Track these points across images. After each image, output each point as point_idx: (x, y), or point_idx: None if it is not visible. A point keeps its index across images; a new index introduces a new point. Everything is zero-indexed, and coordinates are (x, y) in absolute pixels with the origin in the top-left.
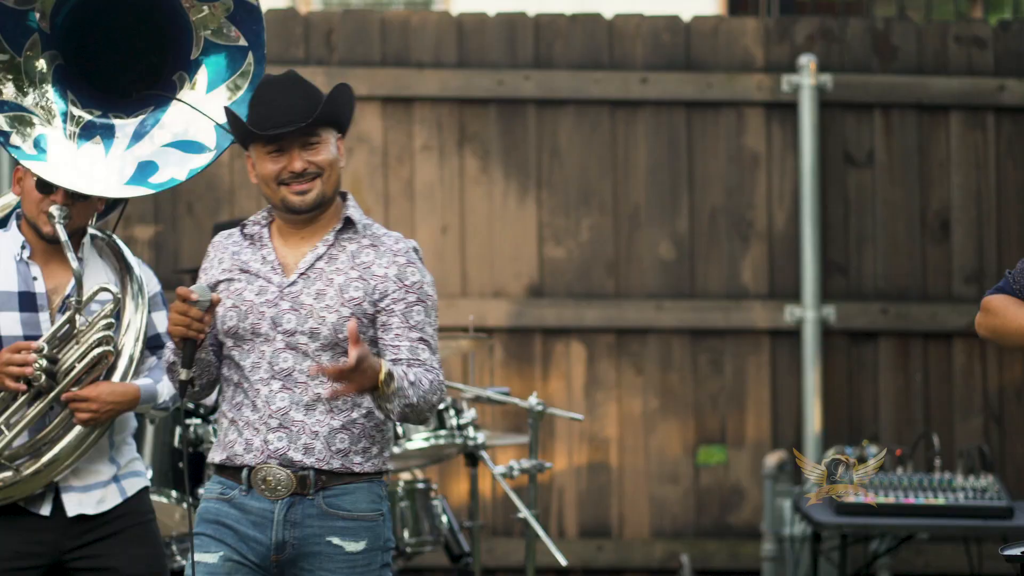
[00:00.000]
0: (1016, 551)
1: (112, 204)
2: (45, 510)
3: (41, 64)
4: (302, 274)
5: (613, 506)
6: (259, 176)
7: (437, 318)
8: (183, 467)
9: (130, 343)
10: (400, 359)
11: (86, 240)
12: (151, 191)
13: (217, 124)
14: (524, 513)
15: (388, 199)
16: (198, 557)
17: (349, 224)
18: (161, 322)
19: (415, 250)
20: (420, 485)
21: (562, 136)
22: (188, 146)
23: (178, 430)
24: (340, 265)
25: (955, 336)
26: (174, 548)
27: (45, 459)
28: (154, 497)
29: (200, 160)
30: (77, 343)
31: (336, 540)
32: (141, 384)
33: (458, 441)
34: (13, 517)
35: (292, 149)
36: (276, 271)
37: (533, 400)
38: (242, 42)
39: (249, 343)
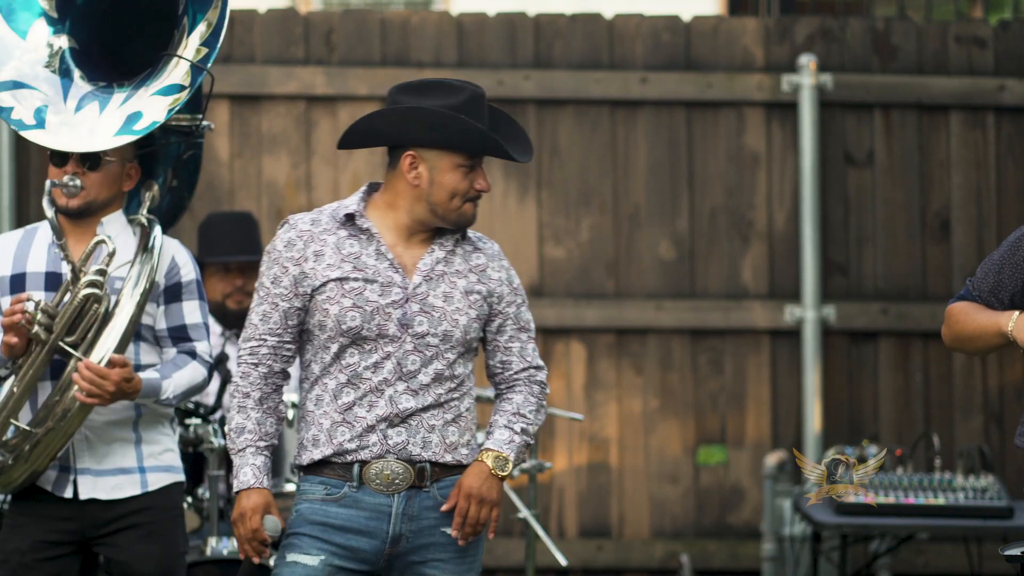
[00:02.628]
0: (1016, 551)
1: (180, 199)
2: (68, 492)
3: (53, 45)
4: (426, 276)
5: (613, 506)
6: (439, 184)
7: None
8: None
9: (128, 300)
10: (510, 362)
11: (112, 217)
12: (137, 136)
13: (190, 63)
14: (524, 513)
15: None
16: (296, 557)
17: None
18: (191, 312)
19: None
20: None
21: (562, 136)
22: (168, 90)
23: (178, 430)
24: (458, 268)
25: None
26: None
27: (48, 424)
28: None
29: (177, 99)
30: (71, 293)
31: (449, 530)
32: (145, 377)
33: None
34: (37, 502)
35: (480, 168)
36: (396, 270)
37: None
38: None
39: (372, 344)
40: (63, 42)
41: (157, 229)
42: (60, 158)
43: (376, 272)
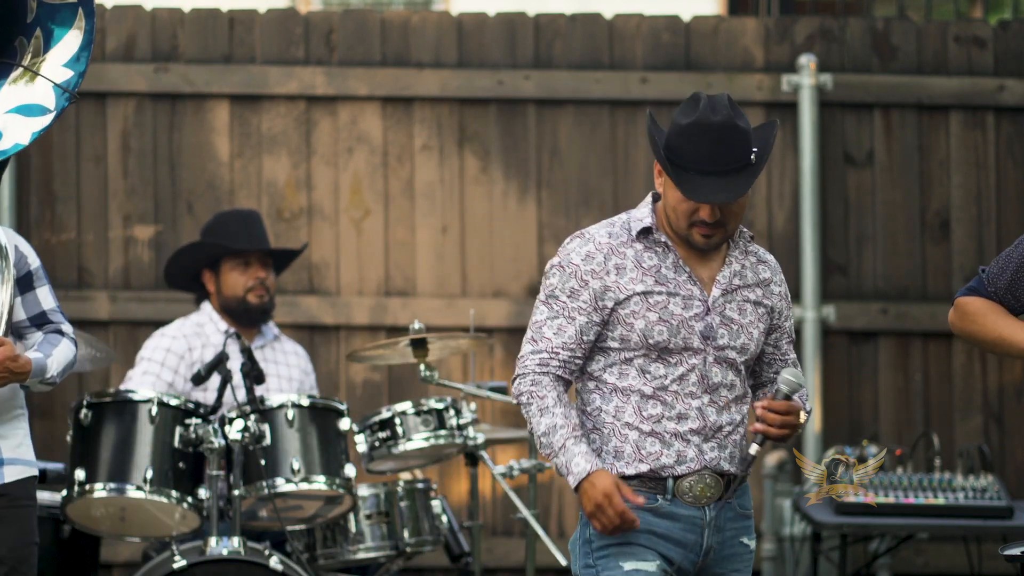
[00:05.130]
0: (1016, 551)
1: None
2: None
3: None
4: (724, 290)
5: None
6: (667, 198)
7: None
8: (183, 467)
9: None
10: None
11: None
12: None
13: (55, 85)
14: (524, 513)
15: (388, 199)
16: (635, 564)
17: (749, 240)
18: (45, 298)
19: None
20: (420, 485)
21: (562, 136)
22: (29, 110)
23: (178, 430)
24: (748, 281)
25: (955, 336)
26: (174, 548)
27: None
28: (154, 497)
29: (41, 122)
30: None
31: (745, 540)
32: (32, 357)
33: (458, 441)
34: None
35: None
36: (694, 283)
37: None
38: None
39: (677, 356)
40: None
41: None
42: None
43: (677, 285)
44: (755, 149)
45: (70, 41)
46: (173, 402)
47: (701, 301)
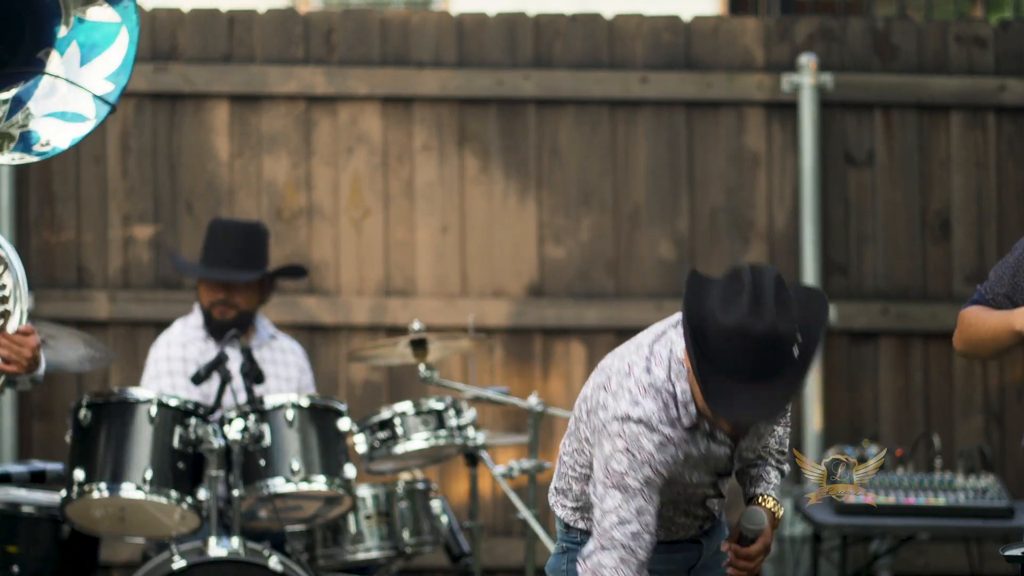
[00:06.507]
0: (1016, 551)
1: None
2: None
3: None
4: (750, 436)
5: None
6: (696, 394)
7: None
8: (183, 467)
9: (16, 309)
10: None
11: None
12: (36, 158)
13: (95, 96)
14: (524, 513)
15: (388, 199)
16: None
17: None
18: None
19: None
20: (420, 485)
21: (562, 136)
22: (67, 116)
23: (178, 430)
24: None
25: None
26: (174, 549)
27: None
28: (153, 498)
29: (81, 129)
30: None
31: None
32: None
33: (458, 441)
34: None
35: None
36: (722, 444)
37: (533, 400)
38: (115, 18)
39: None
40: None
41: None
42: None
43: (708, 451)
44: (799, 339)
45: (112, 55)
46: (172, 402)
47: (727, 458)
